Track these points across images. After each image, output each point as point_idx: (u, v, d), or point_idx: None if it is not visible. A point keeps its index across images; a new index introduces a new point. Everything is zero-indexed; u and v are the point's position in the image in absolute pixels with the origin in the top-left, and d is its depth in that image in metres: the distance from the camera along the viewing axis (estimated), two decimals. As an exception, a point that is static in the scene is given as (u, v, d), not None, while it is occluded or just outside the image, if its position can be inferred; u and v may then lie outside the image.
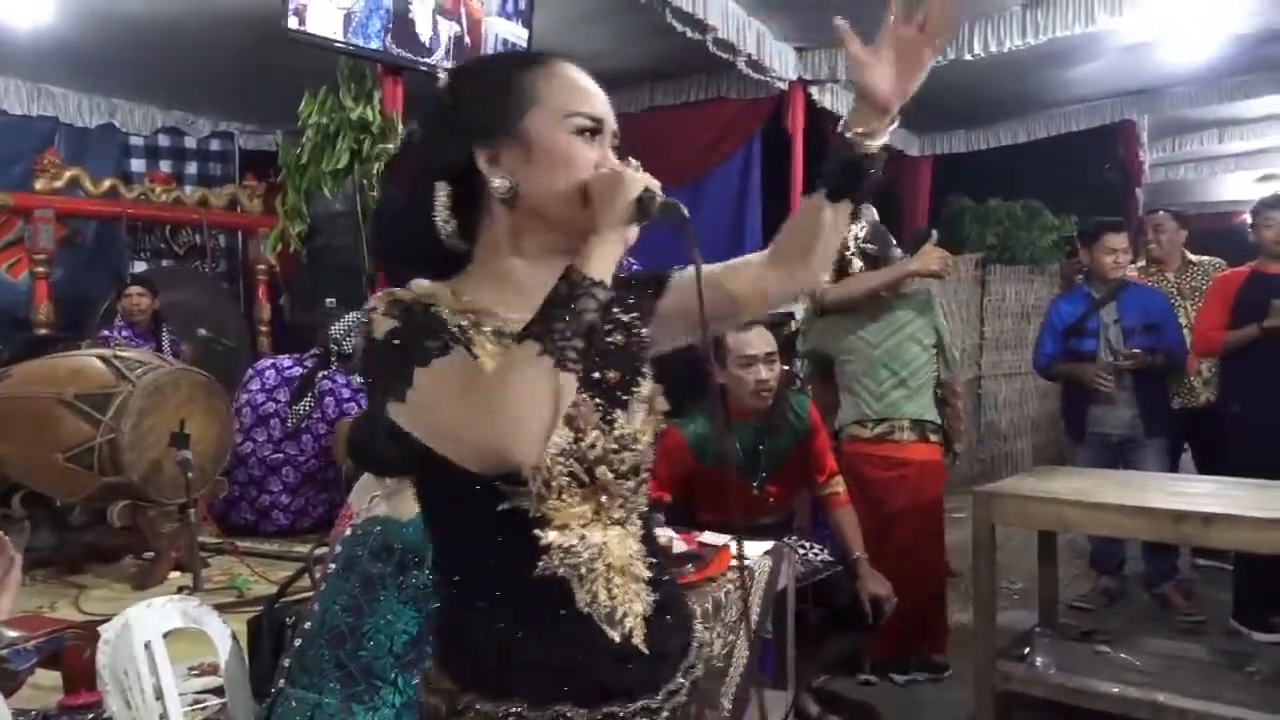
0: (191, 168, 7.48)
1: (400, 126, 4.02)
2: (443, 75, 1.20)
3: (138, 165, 7.19)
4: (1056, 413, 8.08)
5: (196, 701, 2.48)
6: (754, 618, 2.55)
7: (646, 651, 1.13)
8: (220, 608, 2.17)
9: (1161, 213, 4.84)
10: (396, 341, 1.03)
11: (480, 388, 0.99)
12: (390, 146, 3.90)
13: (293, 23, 3.68)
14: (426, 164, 1.16)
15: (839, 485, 3.22)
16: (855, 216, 4.10)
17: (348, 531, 2.07)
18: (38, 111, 6.44)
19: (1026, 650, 3.16)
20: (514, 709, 1.08)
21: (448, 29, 4.30)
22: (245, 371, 5.13)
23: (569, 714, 1.08)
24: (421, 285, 1.12)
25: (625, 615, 1.13)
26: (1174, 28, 5.77)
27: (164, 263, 7.15)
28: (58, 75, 6.30)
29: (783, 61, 5.87)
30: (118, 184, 6.37)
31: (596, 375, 1.16)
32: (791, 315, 5.02)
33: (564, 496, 1.11)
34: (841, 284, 3.72)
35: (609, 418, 1.16)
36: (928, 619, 3.56)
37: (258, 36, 4.98)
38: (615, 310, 1.21)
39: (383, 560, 1.89)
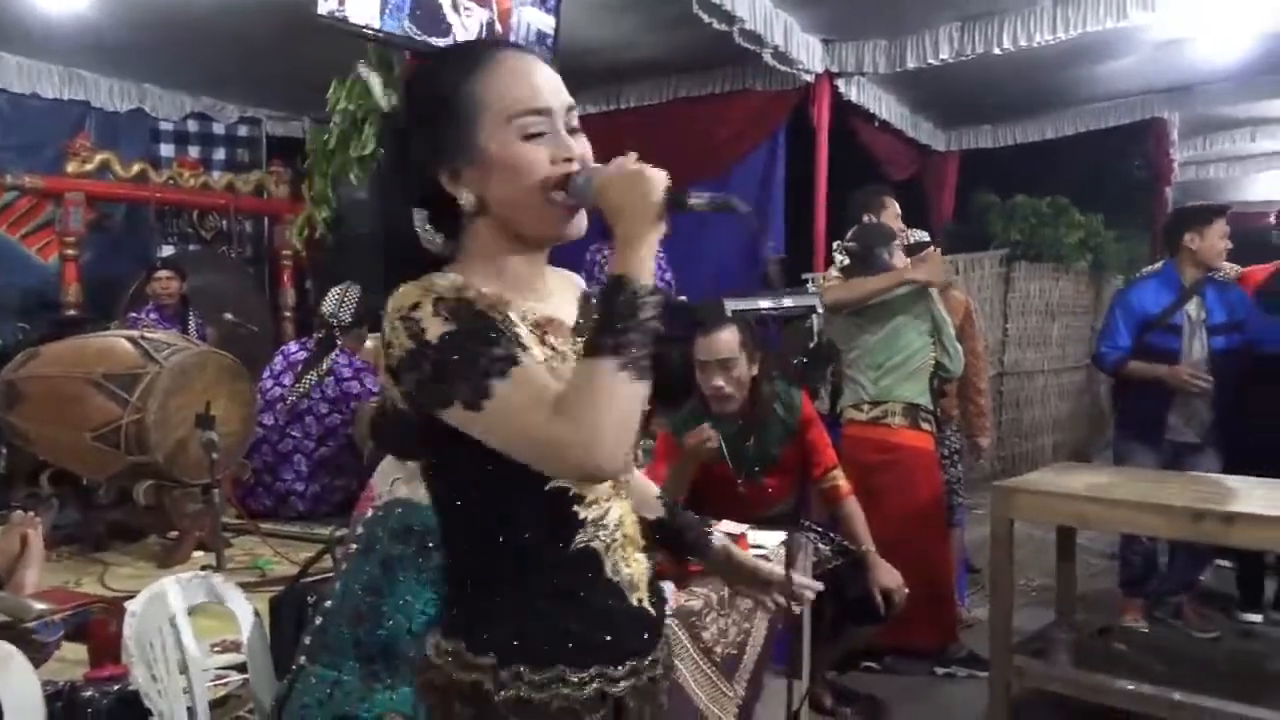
0: (219, 153, 7.54)
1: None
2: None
3: (166, 150, 7.25)
4: (1080, 411, 8.13)
5: (219, 677, 2.51)
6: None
7: (653, 613, 1.24)
8: (242, 587, 2.20)
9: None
10: (460, 347, 1.06)
11: (567, 405, 1.02)
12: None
13: (324, 8, 3.68)
14: (402, 190, 1.21)
15: (839, 478, 3.17)
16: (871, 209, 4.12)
17: (369, 513, 2.10)
18: (69, 96, 6.51)
19: (1043, 646, 3.16)
20: (558, 674, 1.14)
21: (480, 15, 4.31)
22: (269, 355, 5.18)
23: (606, 671, 1.16)
24: (448, 279, 1.14)
25: (639, 581, 1.22)
26: (1207, 25, 5.71)
27: (191, 247, 7.21)
28: (89, 61, 6.37)
29: (809, 53, 5.85)
30: (147, 168, 6.44)
31: None
32: (814, 309, 5.02)
33: None
34: (839, 287, 3.78)
35: None
36: (924, 610, 3.44)
37: (287, 23, 5.00)
38: (594, 303, 1.23)
39: (403, 542, 1.92)
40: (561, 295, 1.26)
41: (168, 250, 6.94)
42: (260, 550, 3.84)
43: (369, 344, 4.94)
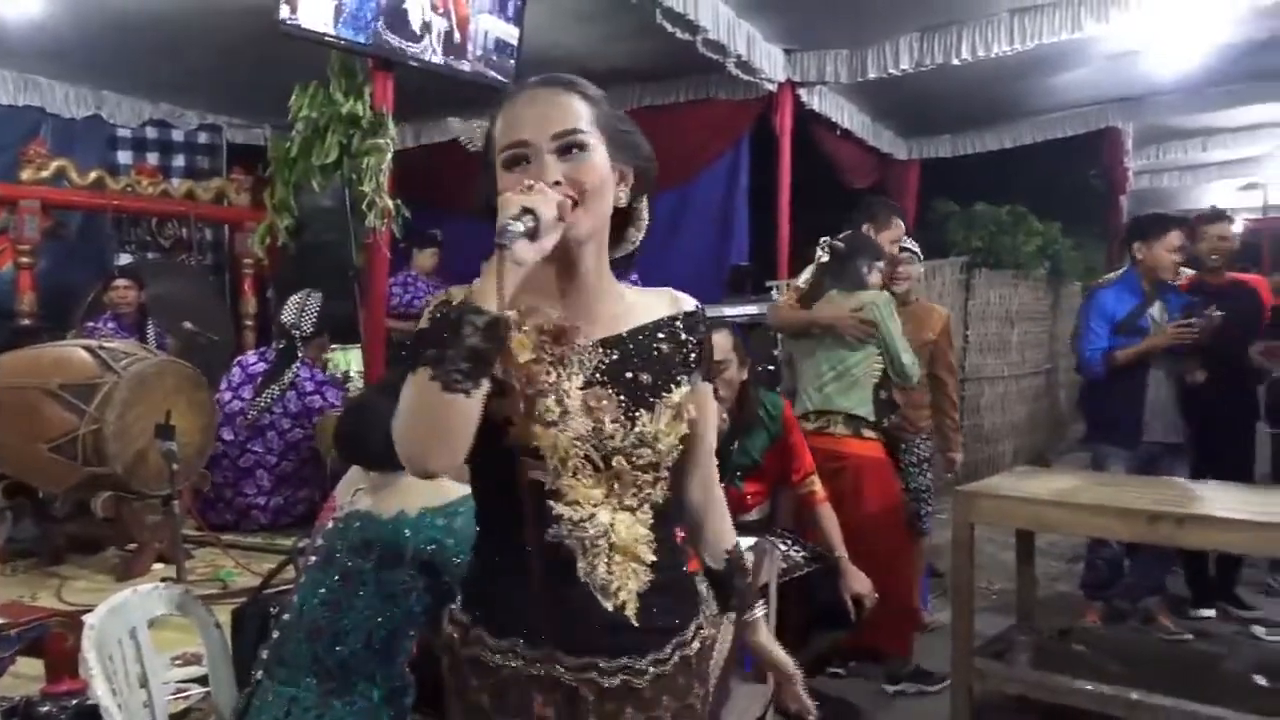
0: (179, 161, 7.44)
1: (390, 121, 4.02)
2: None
3: (124, 157, 7.15)
4: (1039, 415, 8.25)
5: (179, 691, 2.49)
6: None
7: (636, 624, 1.27)
8: (204, 598, 2.18)
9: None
10: (417, 344, 1.18)
11: (403, 406, 1.15)
12: (380, 141, 3.91)
13: (284, 12, 3.66)
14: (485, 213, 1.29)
15: (816, 484, 3.21)
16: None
17: (329, 524, 2.08)
18: (24, 102, 6.43)
19: (1004, 648, 3.20)
20: (512, 645, 1.27)
21: (439, 24, 4.30)
22: (229, 365, 5.13)
23: (558, 657, 1.25)
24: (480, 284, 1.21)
25: (620, 590, 1.27)
26: (1160, 37, 5.84)
27: (149, 255, 7.12)
28: (45, 66, 6.28)
29: (772, 63, 5.90)
30: (104, 176, 6.34)
31: (629, 374, 1.29)
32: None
33: (579, 476, 1.25)
34: (782, 312, 3.88)
35: (632, 414, 1.28)
36: (882, 617, 3.34)
37: (247, 30, 4.97)
38: (678, 325, 1.35)
39: (361, 555, 1.90)
40: (614, 309, 1.33)
41: (125, 259, 6.84)
42: (222, 562, 3.81)
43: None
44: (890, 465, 3.72)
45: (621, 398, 1.27)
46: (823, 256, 3.77)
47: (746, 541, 2.75)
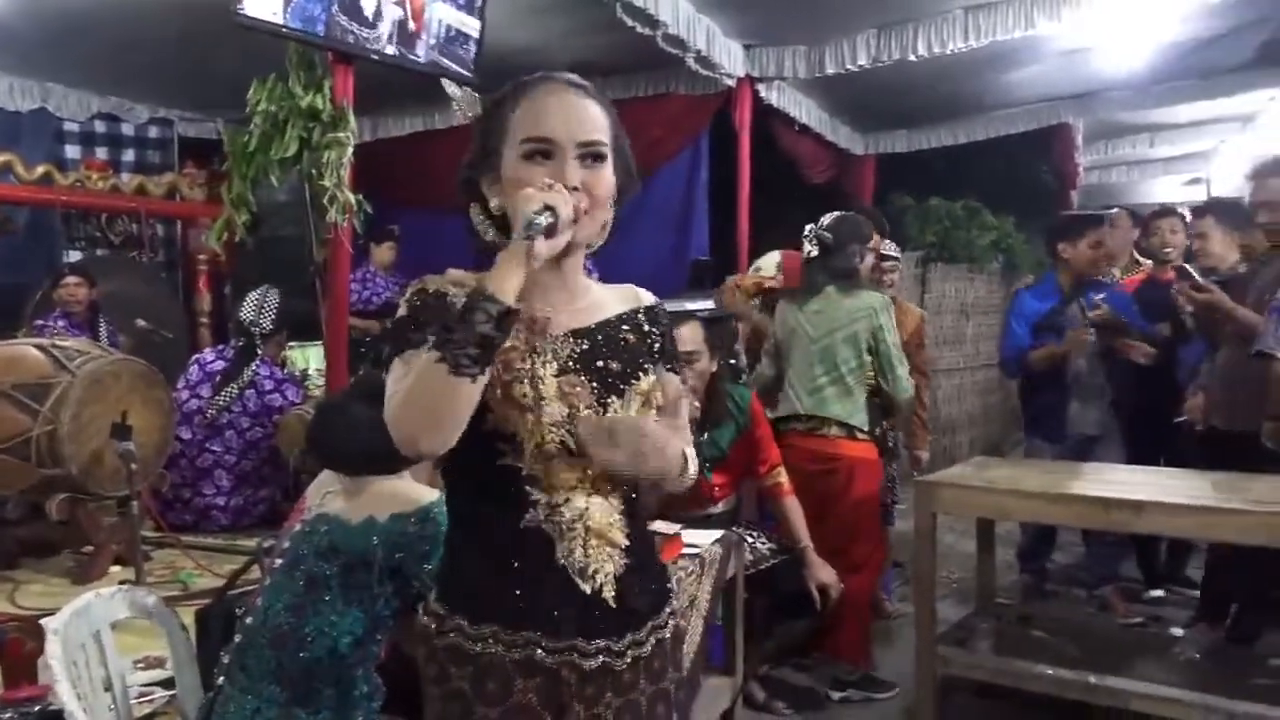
0: (129, 155, 7.28)
1: (351, 115, 3.97)
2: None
3: (72, 152, 6.97)
4: (993, 407, 8.38)
5: (142, 694, 2.45)
6: (704, 604, 2.60)
7: (614, 605, 1.31)
8: (165, 601, 2.15)
9: (1118, 210, 5.01)
10: (397, 328, 1.23)
11: (400, 389, 1.17)
12: (341, 135, 3.86)
13: (238, 3, 3.57)
14: (461, 188, 1.38)
15: (782, 476, 3.26)
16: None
17: (297, 526, 2.06)
18: (-34, 95, 6.26)
19: (965, 635, 3.26)
20: (491, 631, 1.28)
21: (392, 12, 4.23)
22: (184, 363, 5.05)
23: (536, 640, 1.28)
24: (453, 274, 1.30)
25: (597, 572, 1.30)
26: (1109, 34, 5.95)
27: (99, 252, 6.97)
28: (-12, 57, 6.12)
29: (731, 58, 5.92)
30: (52, 170, 6.21)
31: (600, 363, 1.33)
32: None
33: (554, 462, 1.28)
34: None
35: (604, 401, 1.32)
36: (844, 622, 3.42)
37: (198, 21, 4.88)
38: (640, 317, 1.41)
39: (328, 560, 1.88)
40: (582, 303, 1.38)
41: (75, 255, 6.70)
42: (182, 563, 3.75)
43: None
44: (881, 469, 3.66)
45: (594, 385, 1.32)
46: (811, 251, 3.68)
47: (715, 534, 2.78)
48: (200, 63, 5.73)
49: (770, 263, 4.51)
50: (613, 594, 1.31)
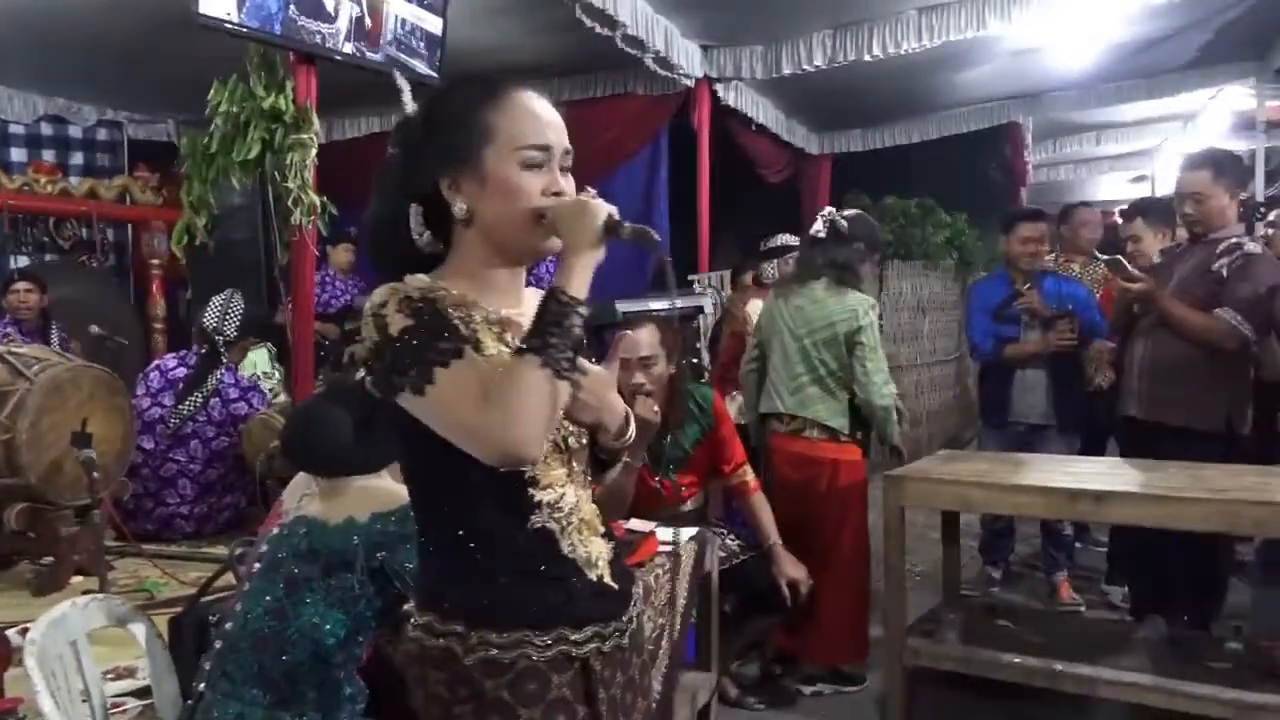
0: (77, 158, 7.15)
1: (314, 116, 3.93)
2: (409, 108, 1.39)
3: (18, 154, 6.84)
4: (951, 401, 8.52)
5: (115, 705, 2.41)
6: (681, 601, 2.62)
7: (616, 587, 1.37)
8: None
9: (1083, 207, 5.18)
10: (414, 340, 1.20)
11: (493, 395, 1.16)
12: (305, 137, 3.82)
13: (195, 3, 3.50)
14: (403, 186, 1.34)
15: (748, 474, 3.26)
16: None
17: (275, 530, 2.04)
18: (-94, 97, 6.10)
19: (933, 626, 3.32)
20: (523, 636, 1.27)
21: (349, 8, 4.18)
22: (138, 370, 4.96)
23: (566, 634, 1.30)
24: (418, 280, 1.27)
25: (598, 559, 1.36)
26: (1058, 35, 6.09)
27: (48, 257, 6.82)
28: (-71, 58, 5.96)
29: (689, 59, 5.96)
30: (-2, 174, 6.08)
31: None
32: (700, 309, 5.12)
33: (549, 460, 1.31)
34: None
35: None
36: (843, 627, 3.45)
37: (150, 21, 4.80)
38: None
39: (307, 563, 1.87)
40: (531, 305, 1.36)
41: (23, 261, 6.55)
42: (146, 572, 3.69)
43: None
44: (865, 471, 3.58)
45: None
46: (820, 231, 3.57)
47: (687, 532, 2.80)
48: (150, 64, 5.63)
49: None
50: (610, 576, 1.36)
